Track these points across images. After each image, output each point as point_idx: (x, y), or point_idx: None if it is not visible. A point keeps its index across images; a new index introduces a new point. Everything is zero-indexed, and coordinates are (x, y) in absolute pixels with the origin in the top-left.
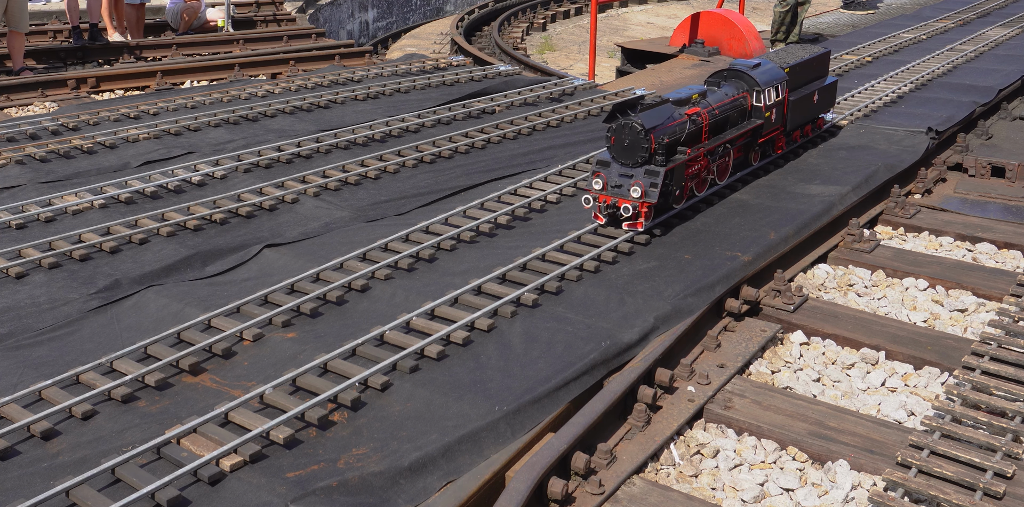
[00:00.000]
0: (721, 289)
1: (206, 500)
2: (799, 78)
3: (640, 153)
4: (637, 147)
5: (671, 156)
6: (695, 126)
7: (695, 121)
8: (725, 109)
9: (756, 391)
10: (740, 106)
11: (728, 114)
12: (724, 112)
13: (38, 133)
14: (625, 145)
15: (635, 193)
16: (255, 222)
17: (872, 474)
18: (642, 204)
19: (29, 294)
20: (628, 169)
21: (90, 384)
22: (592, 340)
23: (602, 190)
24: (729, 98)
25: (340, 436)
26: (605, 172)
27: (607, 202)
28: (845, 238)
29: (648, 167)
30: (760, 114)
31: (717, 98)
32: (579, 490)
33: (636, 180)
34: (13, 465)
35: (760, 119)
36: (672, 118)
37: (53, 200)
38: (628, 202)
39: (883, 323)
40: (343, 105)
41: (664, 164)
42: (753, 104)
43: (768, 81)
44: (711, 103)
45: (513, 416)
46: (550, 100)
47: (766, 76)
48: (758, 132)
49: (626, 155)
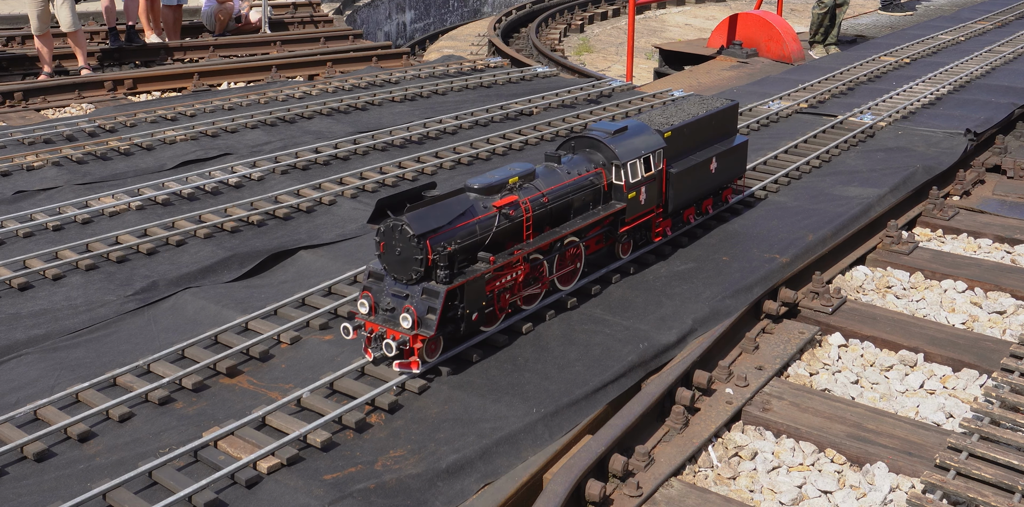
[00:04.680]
0: (759, 291)
1: (243, 503)
2: (687, 142)
3: (414, 267)
4: (410, 259)
5: (466, 267)
6: (510, 221)
7: (508, 215)
8: (564, 193)
9: (794, 393)
10: (591, 186)
11: (570, 199)
12: (562, 197)
13: (75, 135)
14: (397, 255)
15: (405, 322)
16: (292, 224)
17: (910, 476)
18: (414, 338)
19: (66, 296)
20: (403, 287)
21: (127, 386)
22: (630, 342)
23: (369, 315)
24: (572, 178)
25: (377, 438)
26: (376, 289)
27: (375, 332)
28: (883, 240)
29: (426, 285)
30: (622, 195)
31: (552, 179)
32: (617, 492)
33: (407, 305)
34: (50, 467)
35: (622, 201)
36: (467, 214)
37: (90, 202)
38: (398, 334)
39: (921, 325)
40: (380, 107)
41: (448, 280)
42: (611, 182)
43: (632, 151)
44: (539, 187)
45: (551, 418)
46: (588, 102)
47: (630, 145)
48: (619, 218)
49: (398, 269)
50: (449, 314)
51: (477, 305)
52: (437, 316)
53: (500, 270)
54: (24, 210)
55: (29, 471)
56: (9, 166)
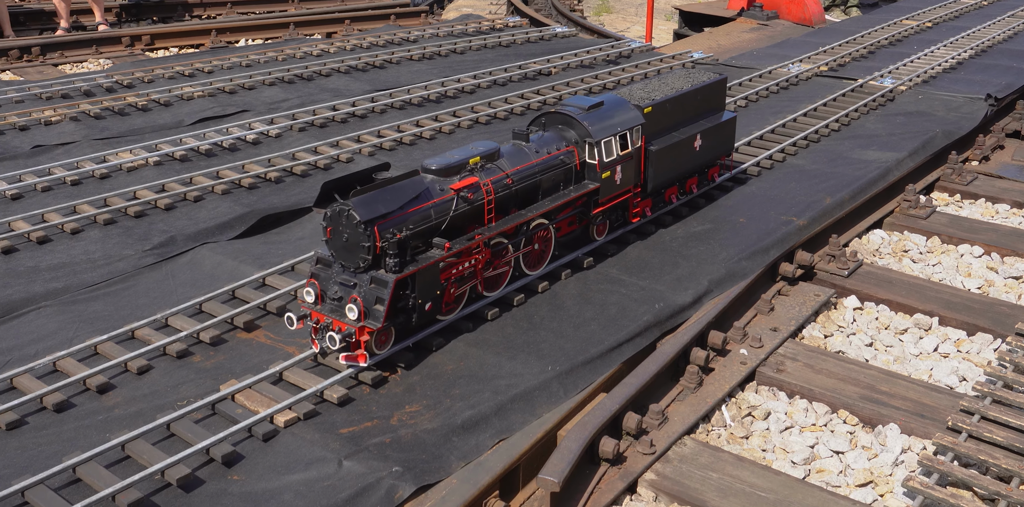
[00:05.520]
0: (776, 253)
1: (260, 455)
2: (670, 118)
3: (361, 254)
4: (356, 246)
5: (420, 253)
6: (469, 204)
7: (467, 198)
8: (531, 173)
9: (808, 355)
10: (562, 166)
11: (537, 179)
12: (529, 177)
13: (92, 90)
14: (344, 242)
15: (351, 314)
16: (309, 181)
17: (922, 438)
18: (361, 330)
19: (84, 250)
20: (351, 275)
21: (145, 339)
22: (645, 302)
23: (315, 304)
24: (540, 157)
25: (393, 394)
26: (323, 277)
27: (321, 322)
28: (901, 204)
29: (374, 274)
30: (595, 175)
31: (519, 158)
32: (630, 450)
33: (354, 295)
34: (70, 417)
35: (596, 181)
36: (421, 198)
37: (108, 157)
38: (344, 326)
39: (937, 289)
40: (398, 65)
41: (398, 269)
42: (584, 161)
43: (607, 128)
44: (504, 167)
45: (566, 376)
46: (607, 62)
47: (606, 121)
48: (592, 199)
49: (346, 256)
50: (400, 304)
51: (431, 294)
52: (385, 307)
53: (458, 256)
54: (42, 164)
55: (49, 421)
56: (27, 121)
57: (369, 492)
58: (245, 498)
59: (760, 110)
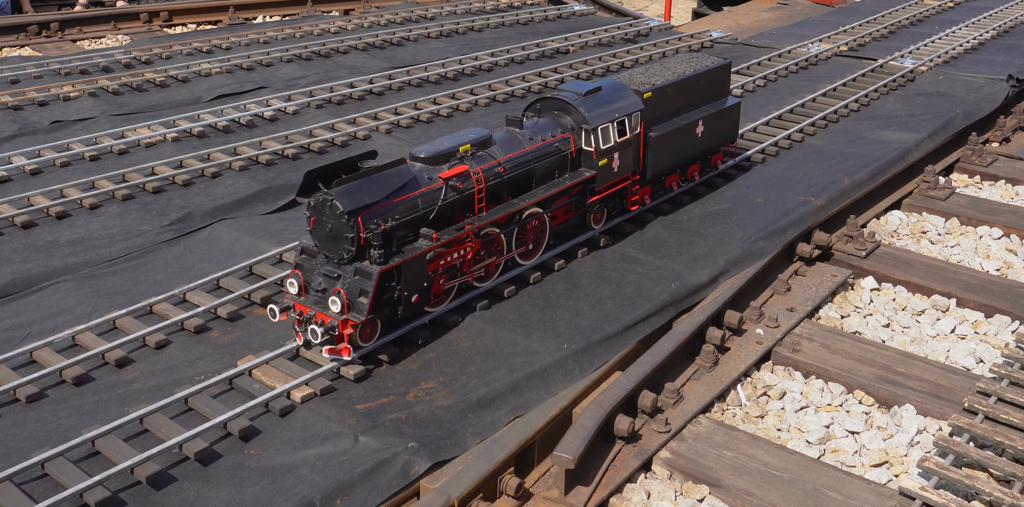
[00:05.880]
0: (793, 233)
1: (277, 430)
2: (671, 104)
3: (345, 245)
4: (340, 237)
5: (407, 245)
6: (459, 193)
7: (455, 187)
8: (524, 161)
9: (825, 335)
10: (556, 153)
11: (531, 167)
12: (522, 165)
13: (111, 66)
14: (327, 232)
15: (334, 306)
16: (327, 158)
17: (938, 419)
18: (344, 323)
19: (103, 225)
20: (335, 267)
21: (163, 314)
22: (662, 281)
23: (298, 295)
24: (534, 144)
25: (409, 370)
26: (308, 268)
27: (304, 314)
28: (920, 185)
29: (358, 265)
30: (591, 162)
31: (511, 146)
32: (645, 428)
33: (337, 287)
34: (88, 391)
35: (592, 169)
36: (407, 187)
37: (126, 132)
38: (327, 318)
39: (955, 271)
40: (416, 42)
41: (383, 261)
42: (581, 148)
43: (604, 114)
44: (495, 155)
45: (581, 354)
46: (625, 41)
47: (603, 107)
48: (589, 187)
49: (329, 247)
50: (385, 296)
51: (417, 286)
52: (369, 300)
53: (447, 247)
54: (61, 140)
55: (68, 394)
56: (46, 96)
57: (385, 467)
58: (262, 472)
59: (779, 90)
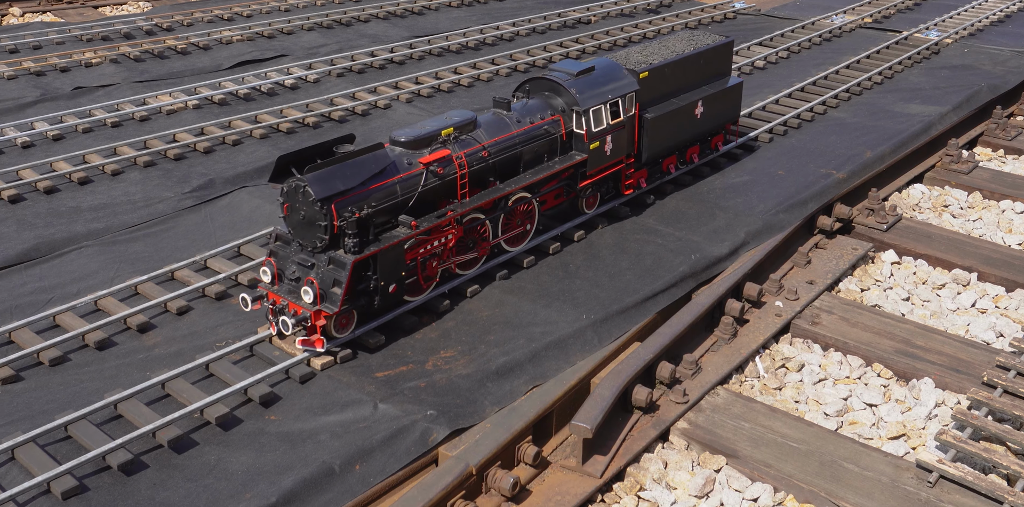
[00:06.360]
0: (814, 206)
1: (296, 397)
2: (668, 84)
3: (318, 233)
4: (313, 225)
5: (384, 232)
6: (440, 179)
7: (436, 172)
8: (511, 144)
9: (844, 308)
10: (546, 136)
11: (518, 151)
12: (508, 149)
13: (132, 33)
14: (301, 219)
15: (307, 296)
16: (347, 126)
17: (957, 392)
18: (317, 314)
19: (124, 191)
20: (309, 255)
21: (184, 281)
22: (682, 253)
23: (272, 284)
24: (521, 127)
25: (429, 338)
26: (282, 255)
27: (277, 303)
28: (943, 158)
29: (332, 254)
30: (583, 145)
31: (497, 129)
32: (663, 398)
33: (310, 277)
34: (111, 355)
35: (583, 152)
36: (385, 173)
37: (147, 99)
38: (299, 309)
39: (977, 245)
40: (437, 12)
41: (358, 250)
42: (571, 130)
43: (597, 96)
44: (480, 139)
45: (600, 325)
46: (647, 11)
47: (595, 88)
48: (580, 171)
49: (303, 234)
50: (361, 286)
51: (395, 276)
52: (343, 290)
53: (427, 234)
54: (83, 106)
55: (91, 358)
56: (68, 62)
57: (404, 434)
58: (282, 437)
59: (802, 62)
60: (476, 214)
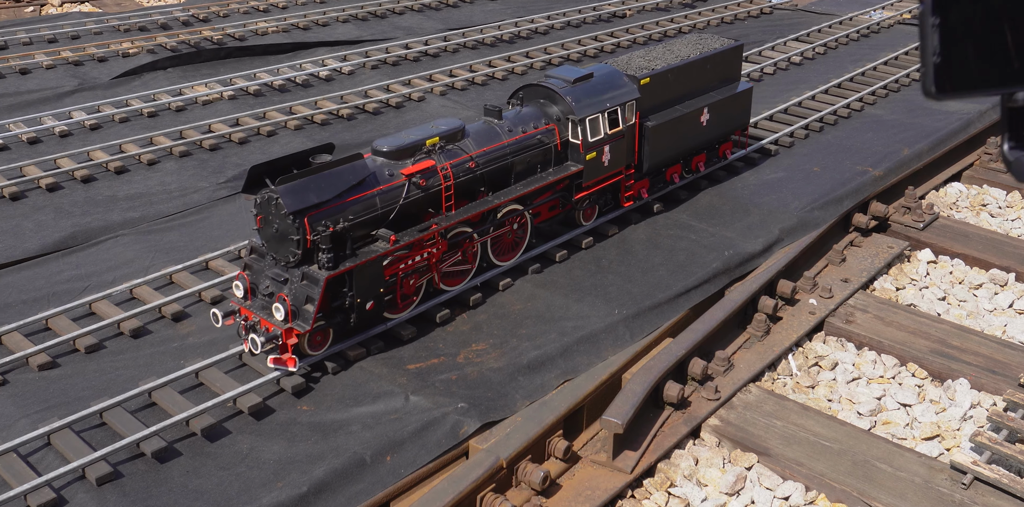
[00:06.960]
0: (849, 203)
1: (328, 388)
2: (672, 90)
3: (291, 248)
4: (286, 239)
5: (362, 247)
6: (423, 191)
7: (419, 184)
8: (501, 155)
9: (879, 307)
10: (538, 146)
11: (509, 162)
12: (498, 159)
13: (169, 23)
14: (274, 232)
15: (278, 314)
16: (381, 119)
17: (992, 394)
18: (288, 332)
19: (160, 181)
20: (282, 270)
21: (219, 271)
22: (715, 249)
23: (244, 299)
24: (513, 136)
25: (460, 331)
26: (257, 269)
27: (249, 320)
28: (982, 157)
29: (306, 269)
30: (578, 156)
31: (487, 138)
32: (695, 395)
33: (281, 293)
34: (145, 343)
35: (579, 163)
36: (364, 185)
37: (183, 90)
38: (271, 326)
39: (1015, 244)
40: (472, 4)
41: (332, 265)
42: (567, 140)
43: (594, 104)
44: (467, 149)
45: (632, 320)
46: (682, 5)
47: (592, 96)
48: (575, 182)
49: (277, 248)
50: (335, 303)
51: (372, 292)
52: (315, 308)
53: (407, 251)
54: (120, 95)
55: (126, 346)
56: (106, 52)
57: (435, 426)
58: (314, 428)
59: (839, 58)
60: (463, 227)
